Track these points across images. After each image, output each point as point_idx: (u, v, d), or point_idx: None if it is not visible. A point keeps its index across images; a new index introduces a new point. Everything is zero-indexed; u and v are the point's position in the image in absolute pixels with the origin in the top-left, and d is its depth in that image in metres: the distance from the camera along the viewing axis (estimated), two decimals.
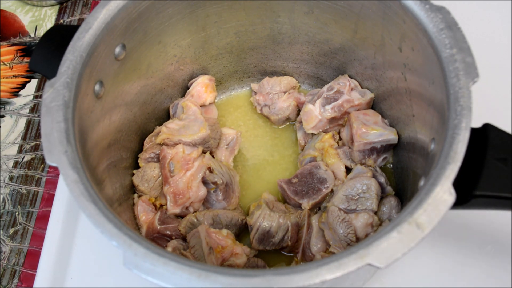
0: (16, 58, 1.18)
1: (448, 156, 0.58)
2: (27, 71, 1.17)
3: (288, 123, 1.00)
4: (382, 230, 0.55)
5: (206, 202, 0.87)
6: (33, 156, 1.06)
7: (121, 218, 0.72)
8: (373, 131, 0.86)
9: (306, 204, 0.85)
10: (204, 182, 0.85)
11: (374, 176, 0.84)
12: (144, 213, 0.84)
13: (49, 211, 0.95)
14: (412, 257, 0.85)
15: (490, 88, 0.99)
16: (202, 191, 0.84)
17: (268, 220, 0.81)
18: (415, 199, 0.57)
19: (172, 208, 0.84)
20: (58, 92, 0.65)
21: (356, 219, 0.79)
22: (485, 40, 1.03)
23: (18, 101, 1.13)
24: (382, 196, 0.84)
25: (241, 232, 0.87)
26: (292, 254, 0.85)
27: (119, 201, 0.79)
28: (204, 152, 0.88)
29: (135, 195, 0.88)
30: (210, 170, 0.86)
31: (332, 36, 0.89)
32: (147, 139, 0.92)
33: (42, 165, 1.05)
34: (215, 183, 0.85)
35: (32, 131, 1.09)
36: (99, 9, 0.72)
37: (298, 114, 0.98)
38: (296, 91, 1.00)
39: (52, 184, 1.02)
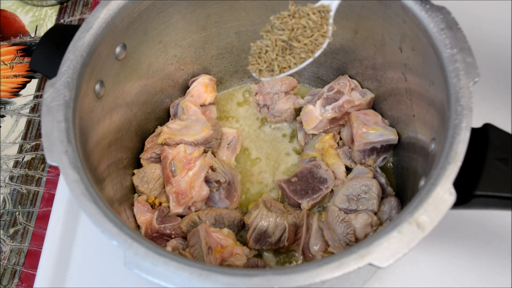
0: (16, 58, 1.18)
1: (449, 156, 0.58)
2: (28, 71, 1.17)
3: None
4: (382, 230, 0.56)
5: (208, 200, 0.87)
6: (34, 156, 1.06)
7: (121, 217, 0.73)
8: (373, 131, 0.86)
9: (306, 204, 0.85)
10: (207, 181, 0.85)
11: (374, 177, 0.84)
12: (141, 214, 0.84)
13: (50, 211, 0.95)
14: (412, 257, 0.84)
15: (490, 88, 0.99)
16: (205, 190, 0.84)
17: (265, 220, 0.81)
18: (416, 199, 0.57)
19: (175, 208, 0.84)
20: (58, 91, 0.65)
21: (355, 220, 0.79)
22: (485, 40, 1.04)
23: (18, 101, 1.13)
24: (382, 196, 0.84)
25: (240, 231, 0.87)
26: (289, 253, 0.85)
27: (119, 200, 0.79)
28: (205, 151, 0.89)
29: (136, 194, 0.88)
30: (213, 169, 0.86)
31: (333, 36, 0.89)
32: (148, 139, 0.92)
33: (43, 165, 1.05)
34: (218, 181, 0.86)
35: (32, 131, 1.09)
36: (99, 9, 0.72)
37: (295, 117, 0.98)
38: (295, 92, 1.01)
39: (52, 184, 1.02)
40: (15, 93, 1.14)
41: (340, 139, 0.93)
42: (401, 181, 0.87)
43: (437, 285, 0.84)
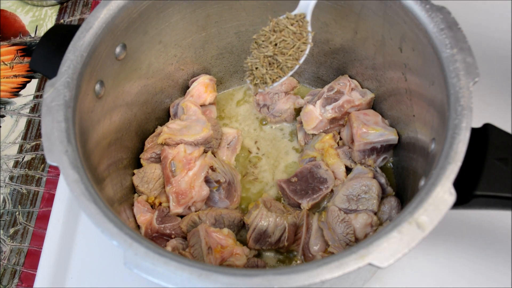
0: (16, 58, 1.18)
1: (449, 156, 0.58)
2: (28, 71, 1.17)
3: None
4: (382, 230, 0.56)
5: (208, 200, 0.87)
6: (34, 156, 1.06)
7: (121, 217, 0.73)
8: (373, 131, 0.86)
9: (306, 204, 0.85)
10: (207, 181, 0.85)
11: (374, 177, 0.84)
12: (141, 214, 0.84)
13: (50, 211, 0.95)
14: (412, 257, 0.85)
15: (490, 88, 0.99)
16: (205, 190, 0.84)
17: (265, 220, 0.81)
18: (416, 199, 0.57)
19: (175, 208, 0.84)
20: (58, 91, 0.65)
21: (355, 220, 0.79)
22: (485, 40, 1.04)
23: (18, 101, 1.13)
24: (382, 196, 0.84)
25: (239, 231, 0.87)
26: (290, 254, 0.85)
27: (119, 200, 0.79)
28: (205, 151, 0.89)
29: (136, 194, 0.88)
30: (213, 169, 0.86)
31: (333, 36, 0.89)
32: (148, 139, 0.92)
33: (43, 165, 1.05)
34: (218, 181, 0.86)
35: (32, 131, 1.09)
36: (99, 9, 0.72)
37: (295, 117, 0.98)
38: (295, 92, 1.01)
39: (52, 184, 1.02)
40: (15, 93, 1.14)
41: (340, 139, 0.93)
42: (401, 181, 0.87)
43: (437, 285, 0.84)
